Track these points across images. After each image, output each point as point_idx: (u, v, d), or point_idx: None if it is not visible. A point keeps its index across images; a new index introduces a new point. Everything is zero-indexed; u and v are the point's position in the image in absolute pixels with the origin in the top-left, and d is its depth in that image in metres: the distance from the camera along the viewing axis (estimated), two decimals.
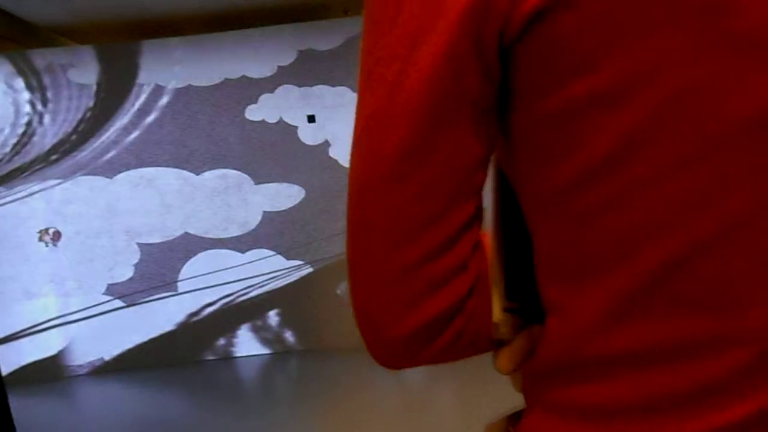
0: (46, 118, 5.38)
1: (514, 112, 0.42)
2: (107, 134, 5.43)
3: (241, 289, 5.54)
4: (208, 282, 5.48)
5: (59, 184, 5.39)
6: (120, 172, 5.44)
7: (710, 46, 0.34)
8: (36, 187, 5.37)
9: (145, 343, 5.46)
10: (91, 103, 5.40)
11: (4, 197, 5.33)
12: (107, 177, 5.43)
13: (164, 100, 5.45)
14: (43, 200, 5.37)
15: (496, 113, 0.43)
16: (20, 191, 5.35)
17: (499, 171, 0.48)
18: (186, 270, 5.50)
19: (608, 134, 0.37)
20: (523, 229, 0.46)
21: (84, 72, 5.39)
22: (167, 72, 5.43)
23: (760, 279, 0.36)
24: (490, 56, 0.39)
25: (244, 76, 5.45)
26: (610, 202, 0.38)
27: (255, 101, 5.43)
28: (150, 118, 5.44)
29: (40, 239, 5.35)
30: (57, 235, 5.36)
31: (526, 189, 0.44)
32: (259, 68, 5.37)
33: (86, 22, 5.49)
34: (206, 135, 5.46)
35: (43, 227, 5.36)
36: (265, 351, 5.51)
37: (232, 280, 5.51)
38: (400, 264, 0.44)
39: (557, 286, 0.43)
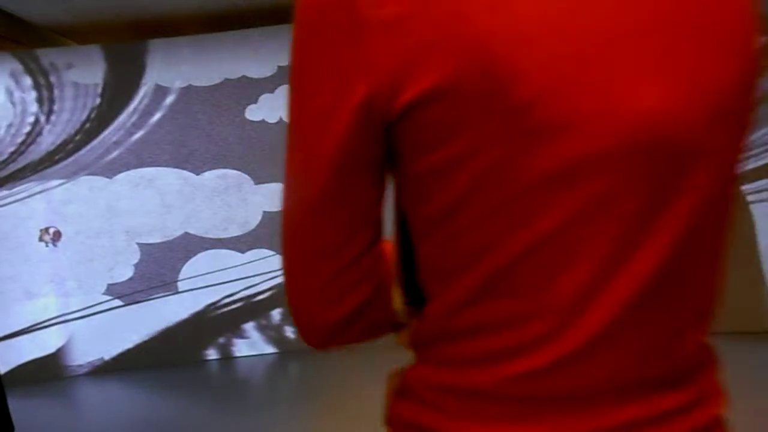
0: (52, 118, 5.38)
1: (399, 166, 0.61)
2: (109, 134, 5.43)
3: (241, 289, 5.54)
4: (208, 282, 5.48)
5: (60, 184, 5.39)
6: (120, 172, 5.44)
7: (505, 134, 0.53)
8: (36, 187, 5.37)
9: (145, 343, 5.46)
10: (95, 103, 5.40)
11: (5, 197, 5.33)
12: (107, 177, 5.44)
13: (169, 99, 5.45)
14: (44, 200, 5.37)
15: (386, 167, 0.62)
16: (20, 191, 5.35)
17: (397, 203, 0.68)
18: (186, 270, 5.50)
19: (455, 186, 0.56)
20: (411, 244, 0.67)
21: (88, 72, 5.39)
22: (172, 72, 5.44)
23: (552, 276, 0.57)
24: (378, 132, 0.58)
25: (244, 76, 5.45)
26: (459, 229, 0.58)
27: (255, 101, 5.43)
28: (154, 119, 5.45)
29: (41, 239, 5.35)
30: (57, 235, 5.36)
31: (410, 216, 0.63)
32: (259, 68, 5.37)
33: (86, 22, 5.49)
34: (206, 135, 5.46)
35: (43, 227, 5.36)
36: (265, 351, 5.51)
37: (232, 279, 5.51)
38: (323, 274, 0.63)
39: (433, 283, 0.63)
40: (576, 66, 0.53)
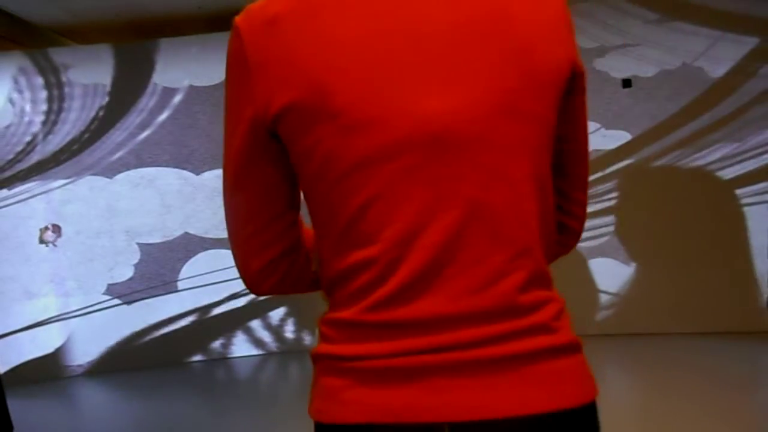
0: (47, 118, 5.38)
1: (287, 149, 0.84)
2: (110, 135, 5.43)
3: (241, 289, 5.53)
4: (207, 282, 5.48)
5: (60, 185, 5.39)
6: (120, 172, 5.44)
7: (332, 131, 0.78)
8: (36, 187, 5.37)
9: (145, 342, 5.46)
10: (101, 103, 5.40)
11: (5, 197, 5.33)
12: (107, 177, 5.44)
13: (173, 100, 5.46)
14: (44, 200, 5.37)
15: (286, 157, 0.86)
16: (21, 191, 5.35)
17: None
18: (186, 270, 5.50)
19: (311, 165, 0.81)
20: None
21: (92, 72, 5.39)
22: (172, 72, 5.44)
23: (380, 229, 0.78)
24: (265, 135, 0.84)
25: None
26: (317, 200, 0.84)
27: None
28: (157, 119, 5.45)
29: (41, 240, 5.34)
30: (57, 229, 5.34)
31: (300, 185, 0.87)
32: None
33: (87, 22, 5.49)
34: (206, 135, 5.46)
35: (42, 226, 5.36)
36: (265, 351, 5.52)
37: (232, 279, 5.51)
38: (244, 234, 0.89)
39: (319, 243, 0.87)
40: (377, 83, 0.77)
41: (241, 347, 5.54)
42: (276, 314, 5.54)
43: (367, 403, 0.79)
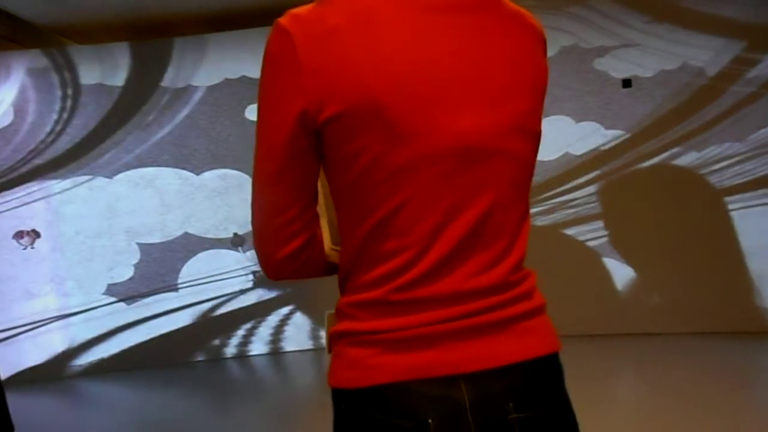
0: (47, 117, 5.38)
1: (325, 155, 0.95)
2: (114, 135, 5.43)
3: (241, 289, 5.54)
4: (207, 282, 5.48)
5: (59, 184, 5.39)
6: (120, 172, 5.44)
7: (380, 139, 0.89)
8: (36, 188, 5.37)
9: (145, 342, 5.47)
10: (102, 103, 5.40)
11: (5, 197, 5.33)
12: (107, 177, 5.44)
13: (176, 99, 5.46)
14: (44, 200, 5.37)
15: (320, 152, 0.96)
16: (21, 191, 5.35)
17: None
18: (186, 270, 5.50)
19: (354, 168, 0.91)
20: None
21: (95, 72, 5.39)
22: (171, 72, 5.44)
23: (414, 224, 0.91)
24: (309, 132, 0.92)
25: (244, 76, 5.46)
26: (357, 196, 0.93)
27: (255, 101, 5.41)
28: (153, 118, 5.45)
29: (20, 241, 5.33)
30: (33, 234, 5.33)
31: (331, 187, 0.97)
32: (259, 68, 5.35)
33: (86, 22, 5.49)
34: (206, 135, 5.47)
35: (26, 228, 5.35)
36: (265, 351, 5.52)
37: (231, 279, 5.51)
38: (276, 225, 0.98)
39: (345, 232, 0.98)
40: (424, 100, 0.90)
41: (241, 347, 5.54)
42: (276, 314, 5.55)
43: (393, 365, 0.92)
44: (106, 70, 5.43)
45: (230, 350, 5.54)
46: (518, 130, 0.96)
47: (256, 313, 5.54)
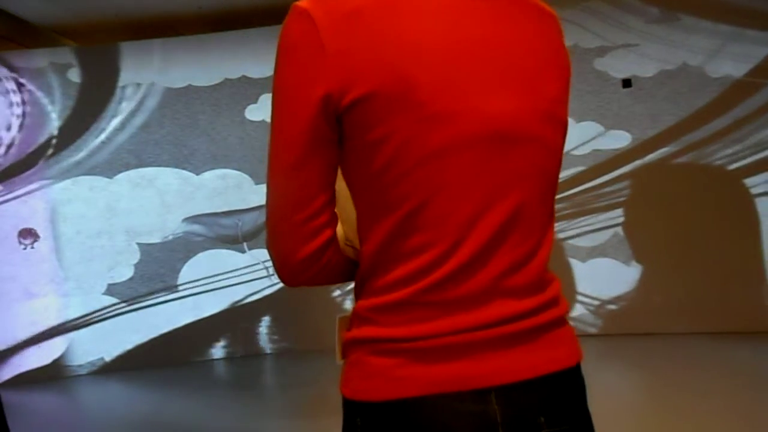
0: (48, 117, 5.38)
1: (346, 143, 0.88)
2: (108, 134, 5.43)
3: (240, 290, 5.54)
4: (207, 282, 5.48)
5: (59, 184, 5.39)
6: (120, 172, 5.44)
7: (411, 122, 0.83)
8: (36, 188, 5.37)
9: (145, 342, 5.46)
10: (102, 103, 5.40)
11: (5, 197, 5.33)
12: (107, 177, 5.44)
13: (176, 99, 5.46)
14: (44, 200, 5.37)
15: (339, 143, 0.89)
16: (21, 191, 5.35)
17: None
18: (186, 270, 5.50)
19: (382, 155, 0.85)
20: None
21: (95, 72, 5.39)
22: (172, 72, 5.44)
23: (446, 215, 0.85)
24: (331, 119, 0.86)
25: (244, 76, 5.45)
26: (385, 186, 0.86)
27: (255, 101, 5.43)
28: (161, 118, 5.45)
29: (21, 242, 5.33)
30: (31, 233, 5.33)
31: (351, 179, 0.90)
32: (259, 68, 5.37)
33: (87, 22, 5.49)
34: (206, 135, 5.47)
35: (27, 227, 5.35)
36: (265, 351, 5.52)
37: (231, 279, 5.51)
38: (297, 221, 0.89)
39: (366, 228, 0.90)
40: (455, 80, 0.85)
41: (241, 347, 5.54)
42: (276, 314, 5.55)
43: (420, 377, 0.86)
44: (106, 70, 5.42)
45: (231, 350, 5.53)
46: (548, 118, 0.92)
47: (257, 313, 5.54)
